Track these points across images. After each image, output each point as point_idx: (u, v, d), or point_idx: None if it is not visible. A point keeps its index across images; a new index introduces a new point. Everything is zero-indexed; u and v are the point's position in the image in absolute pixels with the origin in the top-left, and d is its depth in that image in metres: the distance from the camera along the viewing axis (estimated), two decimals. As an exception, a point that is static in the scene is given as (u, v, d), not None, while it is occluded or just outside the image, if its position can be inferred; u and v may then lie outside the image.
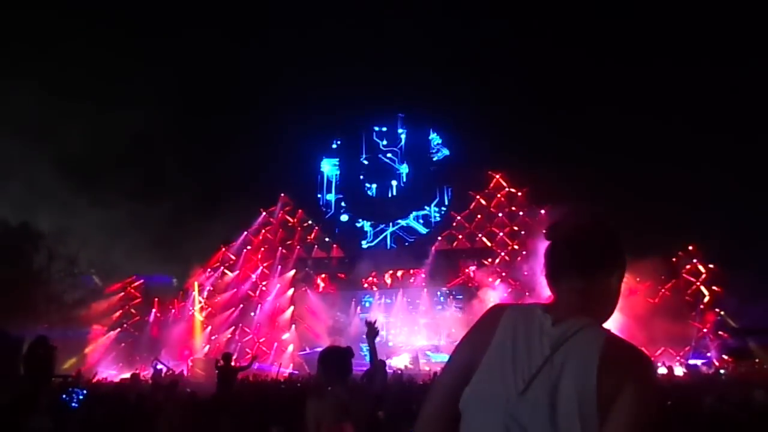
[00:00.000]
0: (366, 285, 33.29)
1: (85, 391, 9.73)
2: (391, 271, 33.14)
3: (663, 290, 28.04)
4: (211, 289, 33.37)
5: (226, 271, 33.82)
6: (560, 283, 1.53)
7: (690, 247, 28.63)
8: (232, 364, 12.38)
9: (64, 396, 8.61)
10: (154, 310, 32.27)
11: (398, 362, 25.57)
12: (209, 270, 33.72)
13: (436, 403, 1.54)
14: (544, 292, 1.70)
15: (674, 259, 28.61)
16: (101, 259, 29.42)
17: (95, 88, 31.14)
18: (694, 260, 28.35)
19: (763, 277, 23.41)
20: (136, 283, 32.72)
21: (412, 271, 32.73)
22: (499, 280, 29.94)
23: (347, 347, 3.74)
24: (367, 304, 33.47)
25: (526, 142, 32.44)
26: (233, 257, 34.27)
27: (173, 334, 30.66)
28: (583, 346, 1.36)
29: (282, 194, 36.17)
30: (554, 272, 1.55)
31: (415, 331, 29.94)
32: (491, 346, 1.45)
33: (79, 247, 27.78)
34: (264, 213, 35.50)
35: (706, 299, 27.51)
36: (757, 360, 23.42)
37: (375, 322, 4.15)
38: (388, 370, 25.24)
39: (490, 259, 31.90)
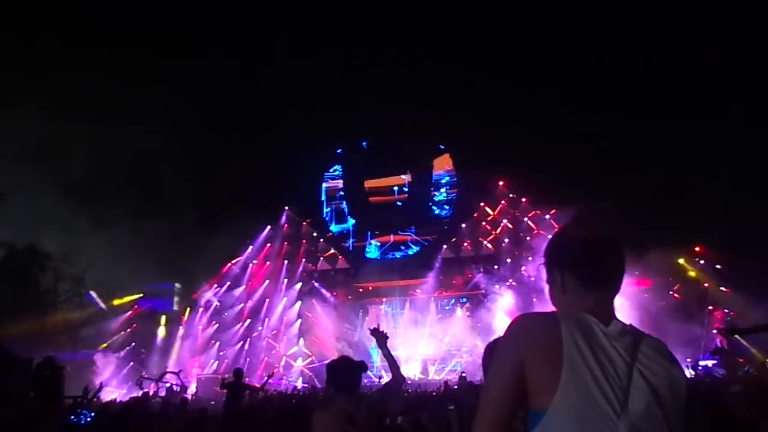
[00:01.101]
0: (373, 295, 33.27)
1: (93, 414, 9.73)
2: (397, 281, 33.06)
3: (671, 292, 27.92)
4: (218, 304, 33.41)
5: (232, 286, 33.86)
6: (593, 289, 1.52)
7: (697, 248, 28.50)
8: (245, 380, 12.37)
9: (72, 417, 8.61)
10: (161, 328, 32.29)
11: (407, 372, 25.49)
12: (215, 285, 33.77)
13: (494, 426, 1.42)
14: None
15: (681, 260, 28.46)
16: (107, 278, 29.47)
17: (98, 108, 31.29)
18: (702, 261, 28.20)
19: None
20: (141, 300, 32.68)
21: (418, 280, 32.65)
22: (505, 285, 29.85)
23: (360, 361, 3.68)
24: (374, 315, 33.48)
25: (528, 147, 32.42)
26: (239, 272, 34.33)
27: (181, 351, 30.67)
28: (653, 349, 1.46)
29: (286, 207, 36.28)
30: (593, 278, 1.52)
31: (422, 340, 29.84)
32: (567, 360, 1.37)
33: (85, 267, 27.85)
34: (269, 227, 35.59)
35: (715, 300, 27.36)
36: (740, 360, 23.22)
37: (378, 327, 4.00)
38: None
39: (496, 266, 31.83)
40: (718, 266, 27.80)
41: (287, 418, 9.90)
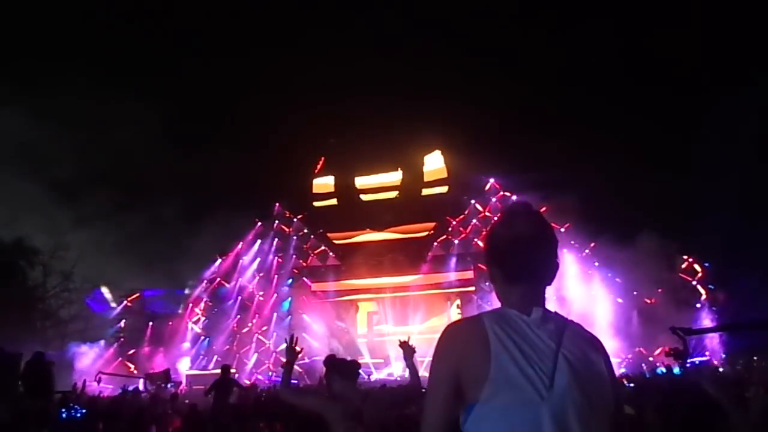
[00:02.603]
0: (363, 292, 33.25)
1: (84, 410, 9.70)
2: (387, 278, 33.05)
3: (660, 290, 28.14)
4: (208, 300, 33.27)
5: (223, 282, 33.73)
6: (521, 283, 1.59)
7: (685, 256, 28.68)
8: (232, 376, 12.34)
9: (63, 411, 8.58)
10: (150, 323, 32.07)
11: (396, 370, 25.53)
12: (205, 281, 33.62)
13: (438, 427, 1.51)
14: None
15: (670, 259, 28.69)
16: (96, 274, 29.30)
17: (87, 105, 31.07)
18: (690, 259, 28.45)
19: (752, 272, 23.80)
20: (132, 297, 32.51)
21: (409, 277, 32.67)
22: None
23: (355, 360, 3.74)
24: (365, 312, 33.53)
25: (521, 146, 32.58)
26: (229, 267, 34.18)
27: (170, 347, 30.50)
28: (576, 335, 1.55)
29: (277, 204, 36.17)
30: (515, 273, 1.60)
31: (413, 337, 29.85)
32: (494, 356, 1.44)
33: (74, 262, 27.67)
34: (259, 223, 35.47)
35: (703, 298, 27.63)
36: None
37: (409, 340, 4.11)
38: (388, 378, 25.21)
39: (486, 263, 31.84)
40: (706, 264, 28.10)
41: (277, 413, 9.91)
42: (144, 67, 37.03)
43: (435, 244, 34.00)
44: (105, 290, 30.18)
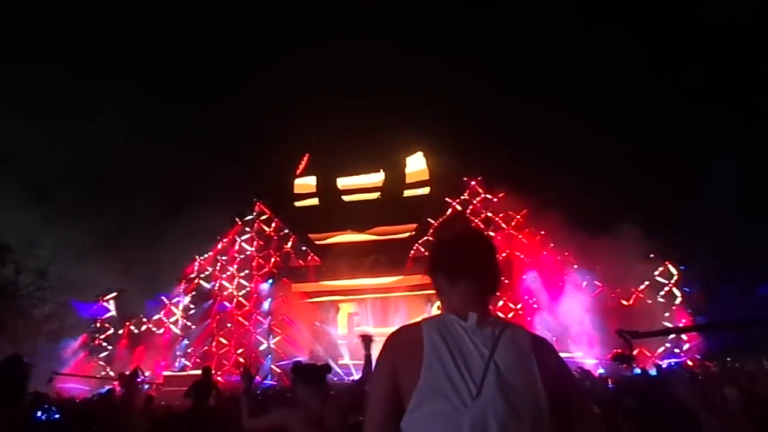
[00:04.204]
0: (344, 293, 33.15)
1: (58, 415, 9.50)
2: (369, 278, 33.01)
3: (636, 292, 28.53)
4: (186, 300, 32.90)
5: (202, 281, 33.39)
6: (460, 282, 1.61)
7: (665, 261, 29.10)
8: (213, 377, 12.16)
9: (38, 412, 8.39)
10: (127, 324, 31.63)
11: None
12: (184, 281, 33.25)
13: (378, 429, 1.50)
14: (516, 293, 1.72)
15: (648, 261, 29.09)
16: (71, 273, 28.74)
17: (59, 100, 30.58)
18: (666, 262, 28.87)
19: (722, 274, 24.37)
20: (108, 297, 32.01)
21: (390, 278, 32.66)
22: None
23: (324, 365, 3.72)
24: (345, 313, 33.43)
25: (502, 148, 32.79)
26: (209, 268, 33.86)
27: (147, 347, 30.11)
28: (514, 341, 1.52)
29: (258, 202, 35.94)
30: (455, 271, 1.63)
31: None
32: (425, 364, 1.44)
33: (49, 260, 27.15)
34: (239, 222, 35.19)
35: (678, 300, 28.04)
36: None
37: (367, 332, 4.13)
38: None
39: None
40: (682, 267, 28.54)
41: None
42: (121, 64, 36.53)
43: (416, 245, 34.03)
44: (111, 304, 30.01)
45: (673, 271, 28.68)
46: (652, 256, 28.36)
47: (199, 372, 12.11)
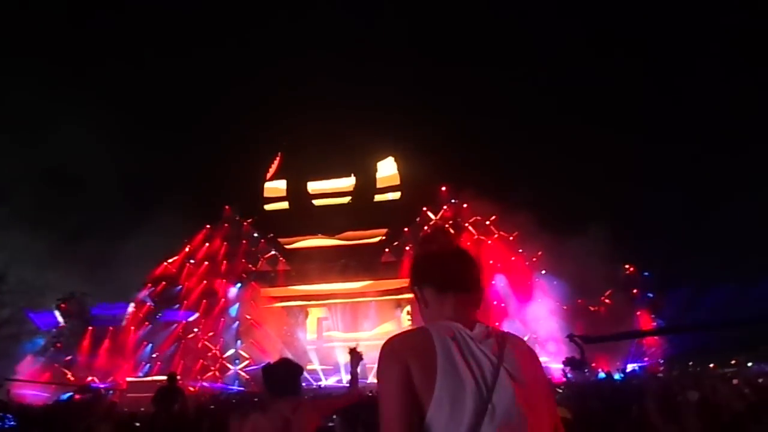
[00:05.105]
0: (313, 298, 32.96)
1: (13, 423, 9.22)
2: (338, 283, 32.89)
3: (602, 298, 29.08)
4: (152, 304, 32.22)
5: (168, 285, 32.76)
6: (449, 295, 1.63)
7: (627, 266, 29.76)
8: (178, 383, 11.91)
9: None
10: (89, 329, 30.79)
11: (346, 377, 25.39)
12: (150, 284, 32.57)
13: None
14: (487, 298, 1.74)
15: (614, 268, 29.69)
16: (30, 276, 27.88)
17: (30, 104, 29.83)
18: (631, 268, 29.52)
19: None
20: (69, 300, 31.09)
21: (360, 283, 32.61)
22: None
23: (296, 364, 3.60)
24: (315, 318, 33.24)
25: (472, 154, 33.14)
26: (175, 271, 33.27)
27: (110, 352, 29.40)
28: (517, 349, 1.56)
29: (227, 207, 35.52)
30: (445, 284, 1.64)
31: (362, 343, 29.77)
32: (441, 370, 1.43)
33: (7, 262, 26.30)
34: (207, 226, 34.70)
35: (642, 305, 28.67)
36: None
37: (357, 347, 4.03)
38: (337, 384, 25.02)
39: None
40: (646, 273, 29.21)
41: (219, 424, 9.65)
42: (89, 64, 35.77)
43: (386, 250, 34.07)
44: (58, 314, 29.30)
45: (638, 276, 29.35)
46: (618, 262, 29.00)
47: (164, 378, 11.86)
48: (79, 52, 34.56)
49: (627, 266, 29.57)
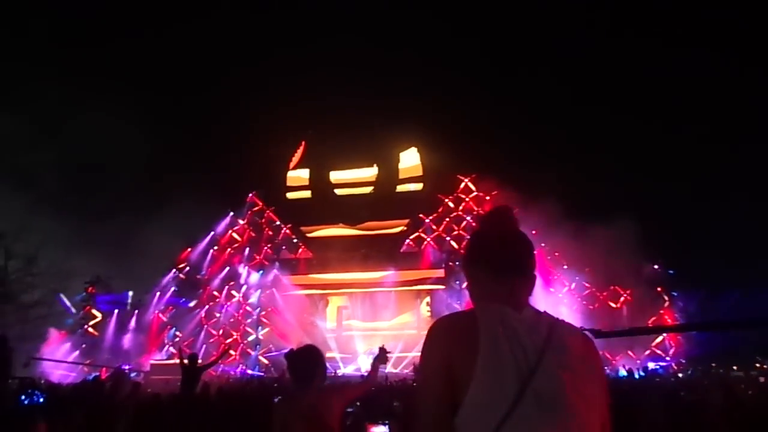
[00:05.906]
0: (334, 286, 33.16)
1: (41, 399, 9.48)
2: (359, 273, 33.02)
3: (625, 295, 28.72)
4: (176, 289, 32.81)
5: (192, 272, 33.29)
6: (507, 278, 1.59)
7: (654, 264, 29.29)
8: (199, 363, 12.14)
9: (23, 397, 8.38)
10: (116, 311, 31.51)
11: (364, 365, 25.57)
12: (174, 271, 33.14)
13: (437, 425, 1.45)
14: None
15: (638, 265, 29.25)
16: (60, 259, 28.55)
17: (56, 91, 30.37)
18: (656, 266, 29.04)
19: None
20: (95, 284, 31.79)
21: (380, 273, 32.68)
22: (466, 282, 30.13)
23: (319, 351, 3.57)
24: (335, 306, 33.46)
25: (496, 146, 32.87)
26: (199, 258, 33.77)
27: (135, 335, 30.05)
28: (567, 335, 1.53)
29: (251, 194, 35.86)
30: (504, 267, 1.61)
31: (381, 333, 29.93)
32: (481, 352, 1.42)
33: (38, 246, 26.92)
34: (231, 213, 35.11)
35: (666, 304, 28.23)
36: None
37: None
38: (355, 372, 25.19)
39: (457, 262, 32.11)
40: (670, 271, 28.73)
41: (239, 407, 9.83)
42: (112, 53, 36.24)
43: (407, 240, 34.10)
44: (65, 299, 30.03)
45: (663, 273, 28.88)
46: (642, 259, 28.57)
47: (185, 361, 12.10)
48: (104, 34, 35.04)
49: (651, 263, 29.11)
